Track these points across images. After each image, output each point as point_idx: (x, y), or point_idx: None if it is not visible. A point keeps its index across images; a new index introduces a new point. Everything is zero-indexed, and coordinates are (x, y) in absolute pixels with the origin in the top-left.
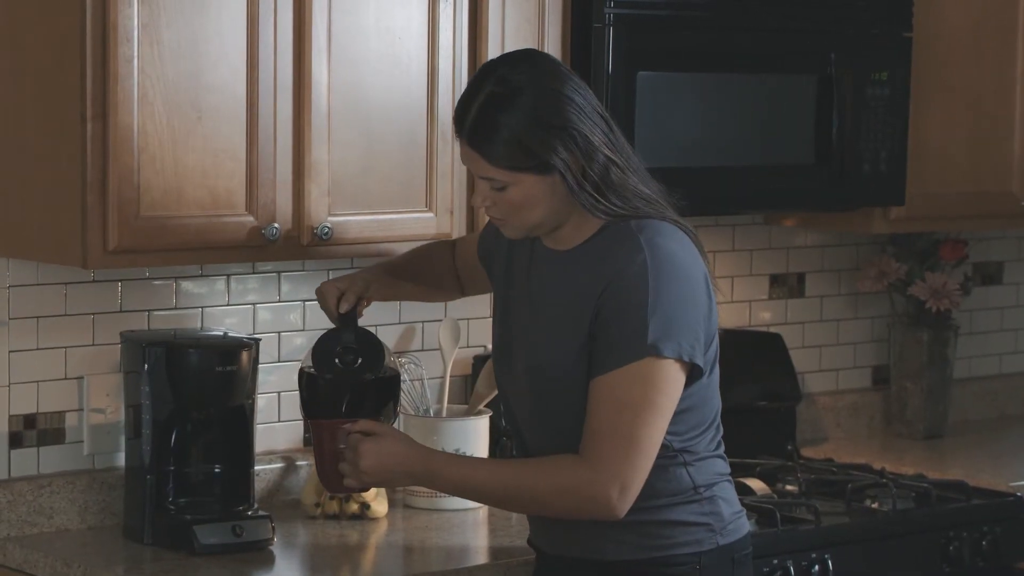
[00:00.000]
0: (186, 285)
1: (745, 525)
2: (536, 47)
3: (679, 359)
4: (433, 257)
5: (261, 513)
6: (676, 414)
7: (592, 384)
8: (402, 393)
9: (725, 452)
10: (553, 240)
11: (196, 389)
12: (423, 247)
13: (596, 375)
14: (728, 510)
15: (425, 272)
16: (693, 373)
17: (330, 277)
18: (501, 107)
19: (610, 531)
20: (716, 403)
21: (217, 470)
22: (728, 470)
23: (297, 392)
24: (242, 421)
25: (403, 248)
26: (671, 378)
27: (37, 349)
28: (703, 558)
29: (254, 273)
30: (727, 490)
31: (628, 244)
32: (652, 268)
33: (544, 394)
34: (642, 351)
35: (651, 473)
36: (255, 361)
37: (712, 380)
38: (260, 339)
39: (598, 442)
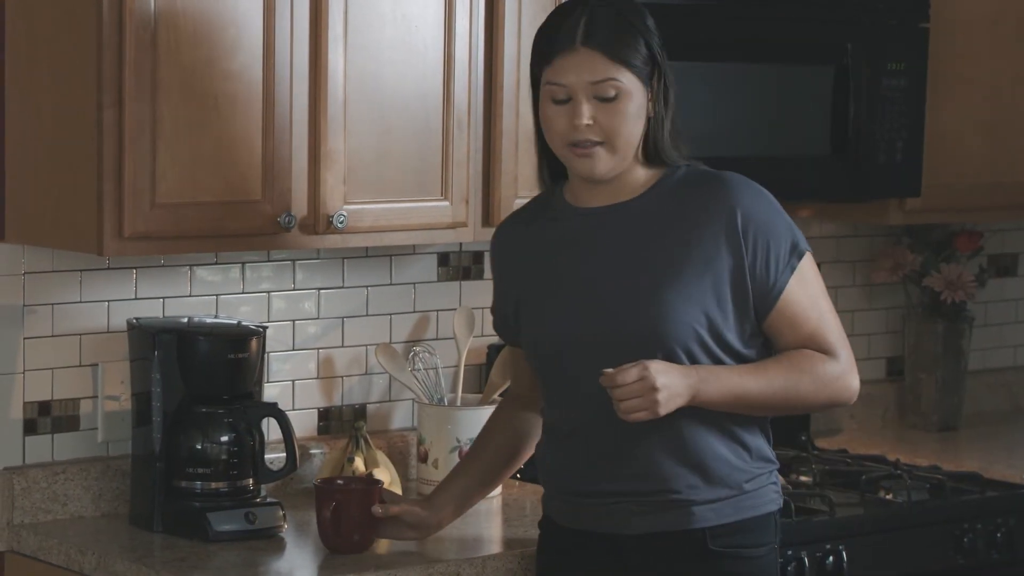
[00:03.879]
0: (201, 272)
1: None
2: None
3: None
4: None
5: (270, 500)
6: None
7: (780, 304)
8: (416, 382)
9: None
10: (589, 195)
11: (206, 376)
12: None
13: (777, 295)
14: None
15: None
16: None
17: (344, 265)
18: (634, 14)
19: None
20: None
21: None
22: None
23: (312, 379)
24: None
25: (418, 237)
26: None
27: (52, 336)
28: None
29: (269, 261)
30: None
31: (724, 179)
32: (760, 189)
33: (658, 347)
34: (801, 249)
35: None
36: (263, 348)
37: None
38: (268, 327)
39: (822, 339)
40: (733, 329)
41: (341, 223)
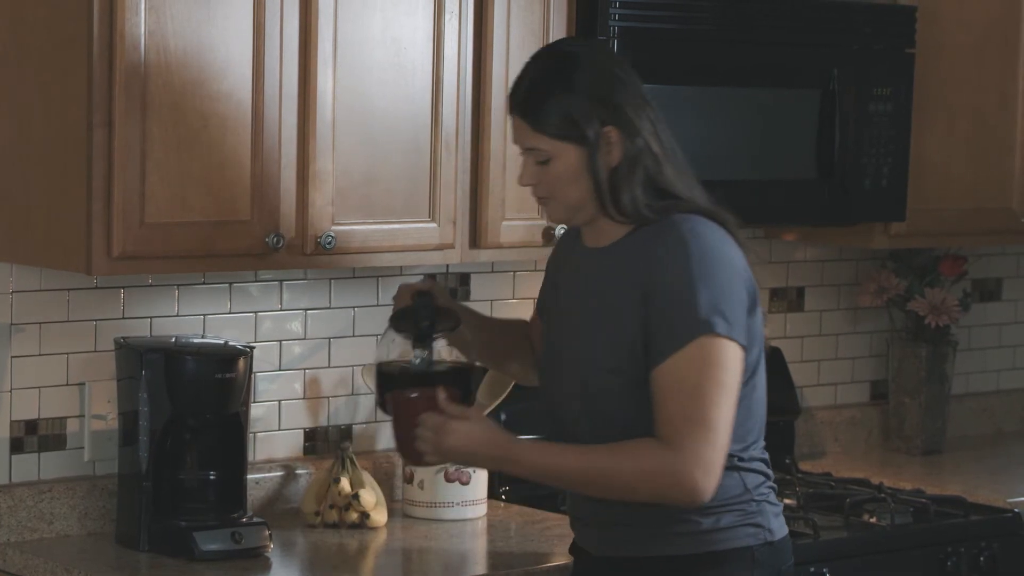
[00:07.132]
0: (188, 292)
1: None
2: None
3: (730, 338)
4: (514, 328)
5: (256, 520)
6: None
7: (655, 374)
8: None
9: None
10: (593, 236)
11: (194, 396)
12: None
13: (657, 363)
14: (774, 518)
15: (509, 337)
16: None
17: (332, 286)
18: (552, 76)
19: (661, 532)
20: (762, 412)
21: (212, 477)
22: (772, 476)
23: (298, 400)
24: (237, 428)
25: (406, 258)
26: (729, 356)
27: (39, 355)
28: (755, 552)
29: (256, 281)
30: (772, 497)
31: (671, 234)
32: (696, 255)
33: (594, 395)
34: (696, 330)
35: None
36: (250, 368)
37: (758, 385)
38: (254, 347)
39: (675, 427)
40: (641, 370)
41: (329, 244)
